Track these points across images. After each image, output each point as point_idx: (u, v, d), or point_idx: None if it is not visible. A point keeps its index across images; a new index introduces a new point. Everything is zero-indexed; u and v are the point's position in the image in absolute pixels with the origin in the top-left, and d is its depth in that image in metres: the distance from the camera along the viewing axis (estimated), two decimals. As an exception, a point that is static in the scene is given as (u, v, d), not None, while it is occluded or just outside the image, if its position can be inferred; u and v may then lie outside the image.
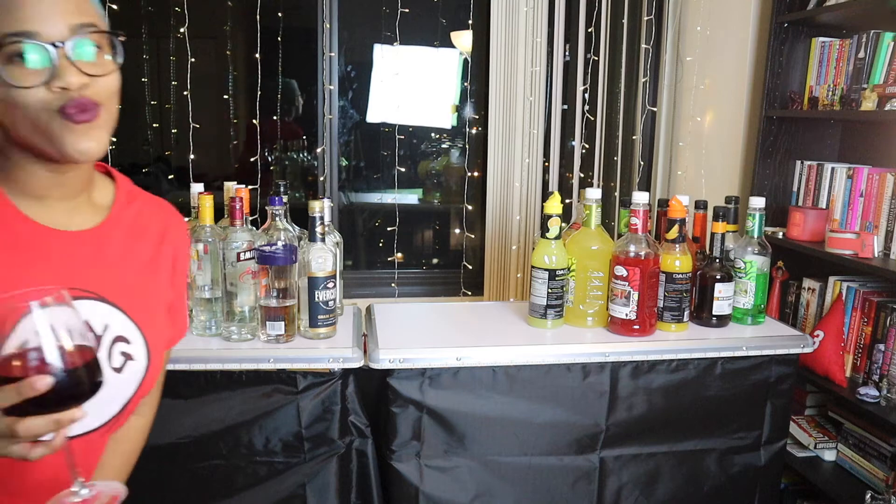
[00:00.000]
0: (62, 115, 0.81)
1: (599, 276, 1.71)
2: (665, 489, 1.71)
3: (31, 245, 0.88)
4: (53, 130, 0.82)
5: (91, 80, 0.83)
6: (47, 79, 0.80)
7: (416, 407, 1.54)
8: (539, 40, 2.86)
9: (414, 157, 3.29)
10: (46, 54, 0.80)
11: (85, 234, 0.93)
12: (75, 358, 0.74)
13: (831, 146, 2.53)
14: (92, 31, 0.84)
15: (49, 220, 0.90)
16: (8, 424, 0.70)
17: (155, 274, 1.02)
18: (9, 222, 0.87)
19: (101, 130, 0.85)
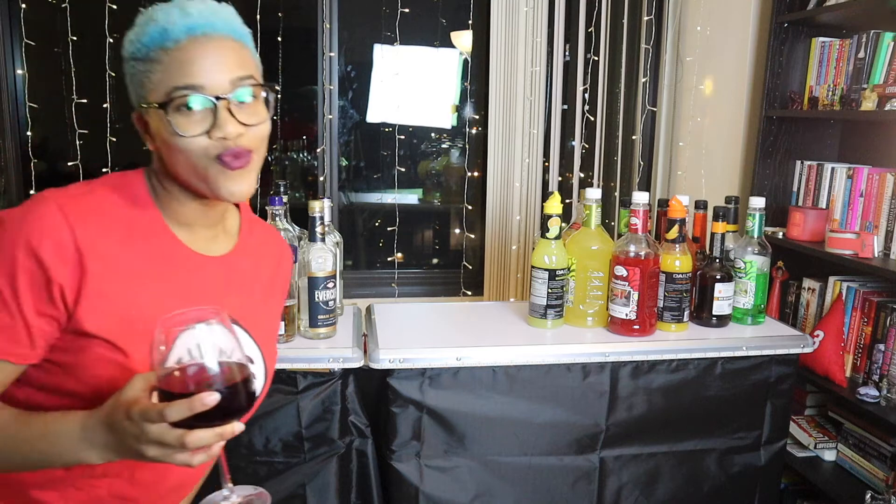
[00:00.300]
0: (219, 161, 0.90)
1: (599, 276, 1.71)
2: (665, 489, 1.71)
3: (183, 266, 0.97)
4: (210, 174, 0.91)
5: (246, 129, 0.90)
6: (209, 128, 0.88)
7: (416, 407, 1.54)
8: (539, 40, 2.86)
9: (414, 157, 3.29)
10: (210, 106, 0.88)
11: (220, 259, 1.02)
12: (235, 374, 0.79)
13: (831, 146, 2.53)
14: (250, 84, 0.92)
15: (194, 244, 0.99)
16: (177, 437, 0.77)
17: (270, 299, 1.13)
18: (168, 245, 0.96)
19: (252, 174, 0.94)
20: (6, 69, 2.74)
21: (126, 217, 0.94)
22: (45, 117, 2.80)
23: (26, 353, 0.88)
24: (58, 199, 0.88)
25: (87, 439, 0.83)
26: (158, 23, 0.88)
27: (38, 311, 0.87)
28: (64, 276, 0.86)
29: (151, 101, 0.89)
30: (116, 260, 0.90)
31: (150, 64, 0.89)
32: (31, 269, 0.85)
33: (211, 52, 0.89)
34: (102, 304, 0.88)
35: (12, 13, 2.72)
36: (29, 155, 2.78)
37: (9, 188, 2.82)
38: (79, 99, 2.68)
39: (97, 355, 0.89)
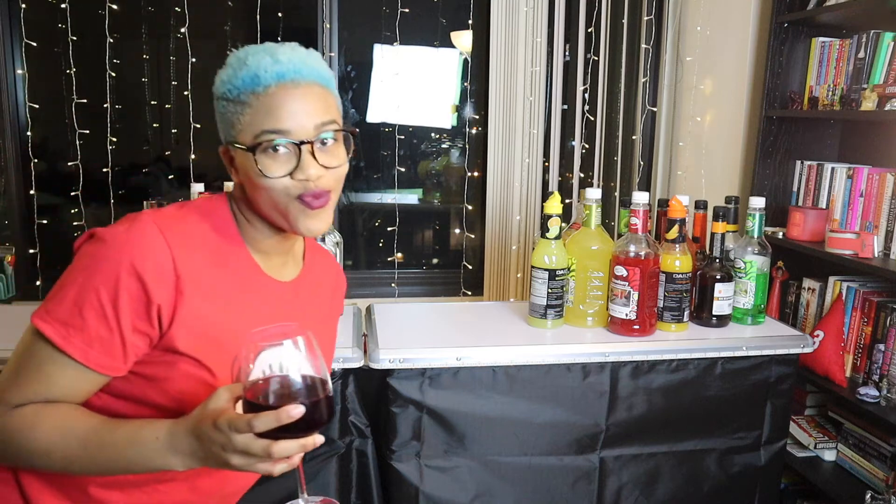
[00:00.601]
0: (300, 201, 0.96)
1: (599, 276, 1.71)
2: (665, 489, 1.71)
3: (260, 290, 1.04)
4: (290, 212, 0.97)
5: (326, 171, 0.96)
6: (292, 170, 0.94)
7: (416, 407, 1.54)
8: (539, 40, 2.86)
9: (414, 157, 3.29)
10: (295, 150, 0.94)
11: (288, 284, 1.09)
12: (318, 388, 0.83)
13: (831, 146, 2.53)
14: (333, 129, 0.97)
15: (268, 270, 1.06)
16: (263, 447, 0.81)
17: (329, 322, 1.20)
18: (249, 270, 1.03)
19: (328, 212, 1.00)
20: (6, 69, 2.74)
21: (214, 242, 1.00)
22: (45, 117, 2.80)
23: (118, 367, 0.93)
24: (157, 222, 0.93)
25: (173, 447, 0.87)
26: (250, 68, 0.94)
27: (135, 328, 0.91)
28: (163, 297, 0.91)
29: (240, 142, 0.96)
30: (207, 283, 0.96)
31: (240, 106, 0.95)
32: (133, 288, 0.90)
33: (298, 99, 0.94)
34: (194, 325, 0.94)
35: (12, 13, 2.72)
36: (29, 155, 2.78)
37: (9, 188, 2.82)
38: (79, 99, 2.68)
39: (184, 371, 0.94)
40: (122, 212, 2.90)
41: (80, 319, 0.89)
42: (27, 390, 0.92)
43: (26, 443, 0.91)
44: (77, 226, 2.81)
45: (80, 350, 0.90)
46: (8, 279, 2.72)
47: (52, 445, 0.90)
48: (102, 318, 0.89)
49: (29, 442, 0.90)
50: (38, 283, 2.78)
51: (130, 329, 0.91)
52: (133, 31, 2.88)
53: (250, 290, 1.02)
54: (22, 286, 2.81)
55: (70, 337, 0.89)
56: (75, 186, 2.76)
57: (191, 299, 0.93)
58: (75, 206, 2.79)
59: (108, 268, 0.89)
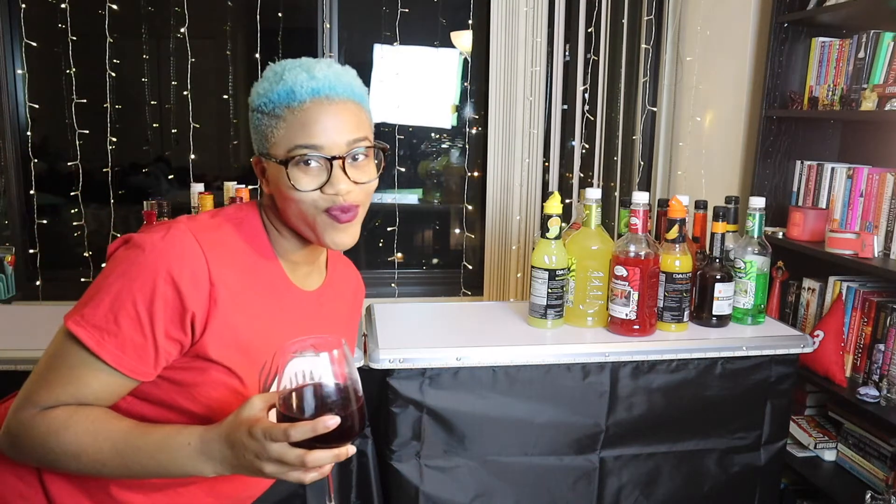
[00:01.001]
0: (328, 215, 0.98)
1: (599, 276, 1.71)
2: (665, 489, 1.71)
3: (288, 300, 1.05)
4: (318, 225, 0.99)
5: (356, 186, 0.98)
6: (322, 184, 0.96)
7: (416, 407, 1.54)
8: (539, 40, 2.86)
9: (414, 157, 3.29)
10: (327, 165, 0.96)
11: (313, 293, 1.10)
12: (352, 399, 0.84)
13: (831, 146, 2.53)
14: (364, 146, 0.99)
15: (295, 280, 1.07)
16: (298, 456, 0.82)
17: (349, 329, 1.22)
18: (278, 280, 1.05)
19: (356, 227, 1.02)
20: (6, 69, 2.74)
21: (246, 252, 1.01)
22: (45, 117, 2.80)
23: (150, 372, 0.94)
24: (193, 230, 0.95)
25: (204, 453, 0.88)
26: (287, 83, 0.96)
27: (168, 335, 0.92)
28: (197, 306, 0.92)
29: (273, 155, 0.97)
30: (239, 292, 0.97)
31: (275, 119, 0.97)
32: (169, 295, 0.91)
33: (331, 115, 0.96)
34: (226, 333, 0.95)
35: (12, 13, 2.72)
36: (29, 155, 2.78)
37: (9, 188, 2.82)
38: (79, 99, 2.68)
39: (214, 379, 0.96)
40: (122, 212, 2.91)
41: (115, 325, 0.90)
42: (58, 392, 0.92)
43: (56, 445, 0.91)
44: (77, 226, 2.81)
45: (113, 355, 0.91)
46: (8, 279, 2.72)
47: (83, 448, 0.91)
48: (137, 324, 0.91)
49: (60, 444, 0.91)
50: (37, 283, 2.78)
51: (164, 336, 0.92)
52: (133, 31, 2.89)
53: (279, 299, 1.04)
54: (22, 286, 2.81)
55: (104, 342, 0.90)
56: (75, 186, 2.76)
57: (223, 308, 0.94)
58: (75, 206, 2.79)
59: (145, 275, 0.90)
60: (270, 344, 0.97)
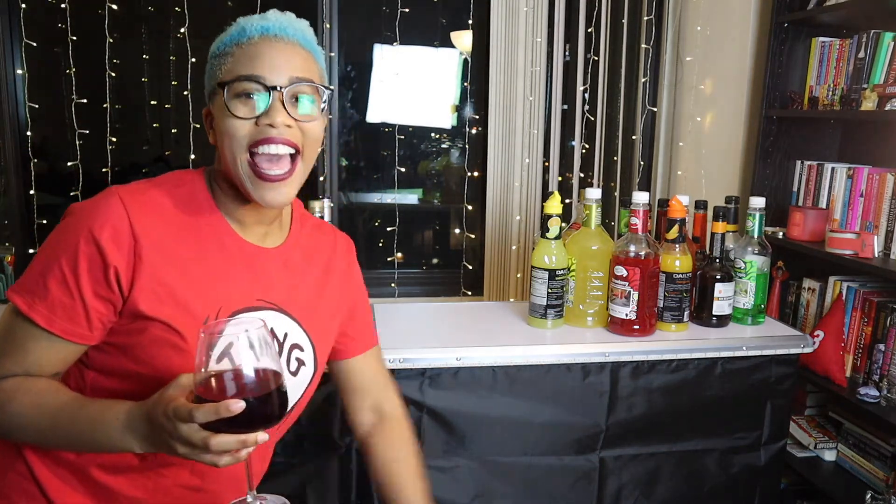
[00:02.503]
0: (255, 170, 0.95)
1: (599, 276, 1.71)
2: (665, 489, 1.71)
3: (237, 256, 1.03)
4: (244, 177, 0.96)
5: (295, 123, 0.96)
6: (259, 114, 0.94)
7: (416, 407, 1.54)
8: (539, 40, 2.86)
9: (414, 157, 3.29)
10: (265, 95, 0.94)
11: (273, 251, 1.08)
12: (268, 385, 0.82)
13: (831, 146, 2.53)
14: (306, 83, 0.97)
15: (248, 238, 1.05)
16: (203, 438, 0.81)
17: (324, 290, 1.15)
18: (224, 236, 1.02)
19: (291, 185, 0.98)
20: (6, 69, 2.74)
21: (182, 210, 1.00)
22: (45, 117, 2.80)
23: (84, 333, 0.95)
24: (120, 193, 0.95)
25: (130, 429, 0.88)
26: (239, 24, 0.99)
27: (96, 293, 0.93)
28: (119, 261, 0.92)
29: (214, 83, 0.98)
30: (172, 249, 0.96)
31: (224, 57, 0.98)
32: (91, 253, 0.92)
33: (278, 51, 0.96)
34: (157, 289, 0.94)
35: (12, 13, 2.72)
36: (29, 155, 2.78)
37: (9, 188, 2.82)
38: (79, 99, 2.68)
39: (154, 336, 0.95)
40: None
41: (44, 289, 0.93)
42: (6, 362, 0.96)
43: (5, 417, 0.94)
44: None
45: (44, 317, 0.93)
46: (8, 279, 2.71)
47: (29, 420, 0.94)
48: (64, 285, 0.93)
49: (7, 417, 0.94)
50: (38, 283, 2.78)
51: (91, 294, 0.93)
52: (133, 31, 2.89)
53: (225, 255, 1.02)
54: (22, 286, 2.81)
55: (35, 305, 0.93)
56: (75, 186, 2.76)
57: (151, 263, 0.94)
58: (75, 206, 2.79)
59: (70, 237, 0.93)
60: (212, 298, 0.98)
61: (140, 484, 1.02)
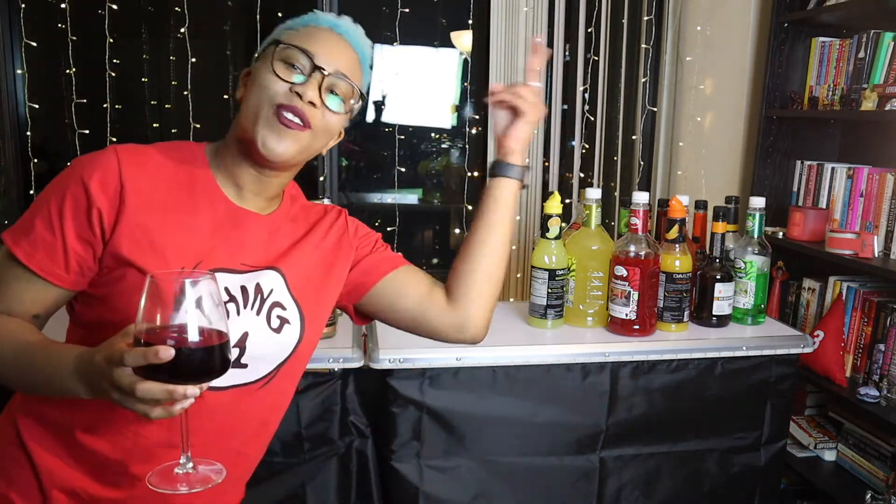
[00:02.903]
0: (276, 113, 0.98)
1: (599, 276, 1.71)
2: (665, 489, 1.71)
3: (224, 216, 1.05)
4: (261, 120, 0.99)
5: (320, 106, 1.01)
6: (294, 81, 0.99)
7: (416, 407, 1.54)
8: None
9: (414, 157, 3.29)
10: (308, 68, 1.00)
11: (264, 217, 1.09)
12: (207, 339, 0.80)
13: (831, 146, 2.53)
14: (348, 80, 1.03)
15: (238, 202, 1.07)
16: (130, 383, 0.80)
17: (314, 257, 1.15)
18: (212, 195, 1.04)
19: (296, 142, 1.01)
20: (6, 69, 2.74)
21: (176, 167, 1.03)
22: (45, 117, 2.80)
23: (60, 274, 0.97)
24: (117, 146, 1.00)
25: (78, 372, 0.89)
26: (315, 13, 1.07)
27: (78, 234, 0.96)
28: (103, 203, 0.95)
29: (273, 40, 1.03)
30: (159, 199, 0.99)
31: (291, 30, 1.04)
32: (78, 195, 0.95)
33: (335, 45, 1.04)
34: (138, 234, 0.96)
35: (12, 13, 2.72)
36: (29, 155, 2.78)
37: (9, 188, 2.82)
38: (79, 99, 2.68)
39: (131, 284, 0.96)
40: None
41: (30, 226, 0.97)
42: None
43: None
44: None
45: (24, 252, 0.96)
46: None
47: None
48: (48, 222, 0.96)
49: None
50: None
51: (73, 234, 0.95)
52: (133, 31, 2.88)
53: (212, 214, 1.03)
54: (22, 286, 2.81)
55: (19, 241, 0.97)
56: (75, 186, 2.75)
57: (135, 210, 0.96)
58: (75, 206, 2.79)
59: (62, 183, 0.97)
60: (192, 251, 1.00)
61: (120, 444, 1.02)
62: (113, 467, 1.02)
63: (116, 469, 1.02)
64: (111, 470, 1.02)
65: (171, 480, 0.86)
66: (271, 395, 1.10)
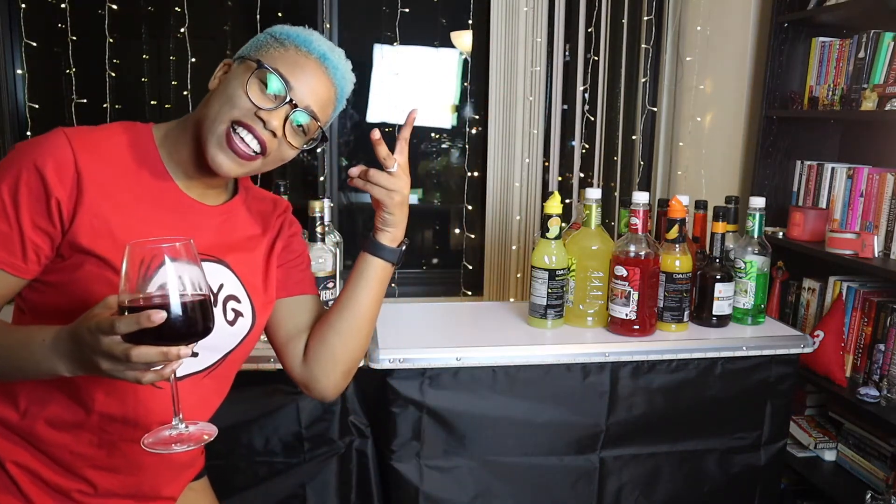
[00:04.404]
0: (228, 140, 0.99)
1: (599, 276, 1.71)
2: (665, 489, 1.71)
3: (174, 205, 1.06)
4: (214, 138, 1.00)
5: (280, 137, 1.02)
6: (262, 106, 0.99)
7: (416, 407, 1.54)
8: (539, 40, 2.86)
9: (414, 157, 3.29)
10: (282, 97, 1.01)
11: (213, 208, 1.10)
12: (192, 302, 0.82)
13: (831, 146, 2.53)
14: (313, 119, 1.04)
15: (188, 191, 1.07)
16: (124, 349, 0.80)
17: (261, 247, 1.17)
18: (162, 184, 1.05)
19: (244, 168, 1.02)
20: (6, 69, 2.74)
21: (128, 154, 1.03)
22: (45, 117, 2.80)
23: (18, 265, 0.97)
24: (66, 130, 0.98)
25: (56, 349, 0.88)
26: (310, 35, 1.05)
27: (35, 224, 0.95)
28: (62, 193, 0.94)
29: (253, 58, 1.02)
30: (113, 187, 0.99)
31: (280, 45, 1.03)
32: (33, 184, 0.94)
33: (318, 80, 1.03)
34: (98, 225, 0.97)
35: (12, 13, 2.72)
36: (29, 155, 2.77)
37: (9, 188, 2.81)
38: (79, 99, 2.68)
39: (91, 273, 0.97)
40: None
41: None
42: None
43: None
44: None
45: None
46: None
47: None
48: (3, 213, 0.94)
49: None
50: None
51: (30, 224, 0.95)
52: (133, 31, 2.88)
53: (162, 202, 1.04)
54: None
55: None
56: (75, 186, 2.75)
57: (92, 199, 0.96)
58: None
59: (13, 169, 0.95)
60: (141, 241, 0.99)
61: (84, 438, 1.03)
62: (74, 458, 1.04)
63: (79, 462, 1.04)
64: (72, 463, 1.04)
65: (166, 441, 0.88)
66: (216, 381, 1.12)
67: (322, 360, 1.17)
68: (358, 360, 1.22)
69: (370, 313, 1.19)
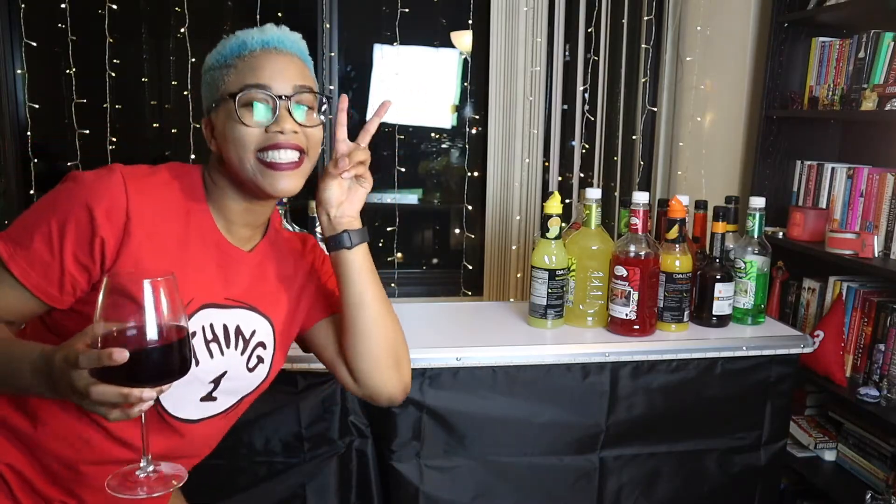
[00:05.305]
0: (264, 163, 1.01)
1: (599, 276, 1.71)
2: (665, 489, 1.71)
3: (218, 254, 1.07)
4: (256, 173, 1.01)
5: (301, 129, 1.03)
6: (268, 123, 1.00)
7: (416, 407, 1.54)
8: (539, 40, 2.86)
9: (414, 157, 3.29)
10: (273, 104, 1.01)
11: (250, 255, 1.12)
12: (163, 341, 0.79)
13: (831, 146, 2.53)
14: (307, 92, 1.04)
15: (231, 239, 1.09)
16: (85, 385, 0.79)
17: (291, 291, 1.18)
18: (209, 233, 1.07)
19: (299, 176, 1.04)
20: (6, 69, 2.74)
21: (178, 202, 1.04)
22: (45, 117, 2.80)
23: (53, 294, 0.97)
24: (124, 172, 0.99)
25: (38, 372, 0.88)
26: (238, 37, 1.04)
27: (76, 258, 0.95)
28: (108, 233, 0.95)
29: (223, 96, 1.02)
30: (159, 233, 1.00)
31: (227, 69, 1.03)
32: (83, 221, 0.95)
33: (279, 63, 1.03)
34: (137, 268, 0.97)
35: (12, 13, 2.72)
36: (29, 155, 2.77)
37: (9, 188, 2.82)
38: (79, 99, 2.68)
39: None
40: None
41: (28, 241, 0.96)
42: None
43: None
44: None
45: (20, 268, 0.96)
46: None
47: None
48: (48, 242, 0.95)
49: None
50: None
51: (72, 258, 0.95)
52: (133, 31, 2.88)
53: (205, 249, 1.05)
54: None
55: (16, 255, 0.96)
56: (75, 186, 2.75)
57: (138, 242, 0.97)
58: (75, 206, 2.79)
59: (67, 202, 0.96)
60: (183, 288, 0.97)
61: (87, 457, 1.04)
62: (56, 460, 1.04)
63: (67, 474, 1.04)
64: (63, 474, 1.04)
65: (132, 485, 0.84)
66: (230, 419, 1.14)
67: (366, 368, 1.17)
68: (396, 348, 1.20)
69: (376, 300, 1.19)
